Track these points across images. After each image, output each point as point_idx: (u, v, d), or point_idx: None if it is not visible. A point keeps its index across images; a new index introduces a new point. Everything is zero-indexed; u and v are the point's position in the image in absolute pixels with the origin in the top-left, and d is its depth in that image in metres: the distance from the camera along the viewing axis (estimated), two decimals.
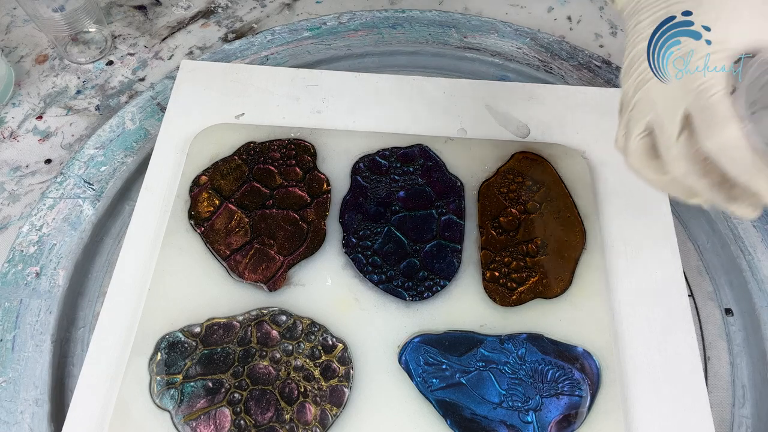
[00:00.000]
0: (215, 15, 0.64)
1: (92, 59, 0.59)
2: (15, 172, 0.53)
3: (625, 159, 0.35)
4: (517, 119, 0.53)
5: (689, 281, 0.48)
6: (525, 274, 0.44)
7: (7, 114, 0.56)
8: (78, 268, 0.46)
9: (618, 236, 0.47)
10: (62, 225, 0.47)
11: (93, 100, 0.57)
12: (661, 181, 0.34)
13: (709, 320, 0.46)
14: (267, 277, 0.44)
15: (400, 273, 0.44)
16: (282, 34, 0.59)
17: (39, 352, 0.42)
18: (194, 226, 0.46)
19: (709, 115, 0.30)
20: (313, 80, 0.54)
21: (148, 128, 0.53)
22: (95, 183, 0.50)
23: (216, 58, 0.57)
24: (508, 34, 0.59)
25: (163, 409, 0.39)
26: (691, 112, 0.31)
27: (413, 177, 0.48)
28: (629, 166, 0.35)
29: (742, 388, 0.43)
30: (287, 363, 0.41)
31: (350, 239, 0.46)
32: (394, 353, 0.41)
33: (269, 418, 0.39)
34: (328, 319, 0.42)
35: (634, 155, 0.34)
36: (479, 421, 0.39)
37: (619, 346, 0.42)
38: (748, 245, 0.48)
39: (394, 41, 0.59)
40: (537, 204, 0.47)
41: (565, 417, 0.39)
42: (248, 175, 0.48)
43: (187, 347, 0.41)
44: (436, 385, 0.40)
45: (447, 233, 0.46)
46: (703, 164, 0.31)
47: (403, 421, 0.39)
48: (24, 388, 0.41)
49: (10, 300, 0.44)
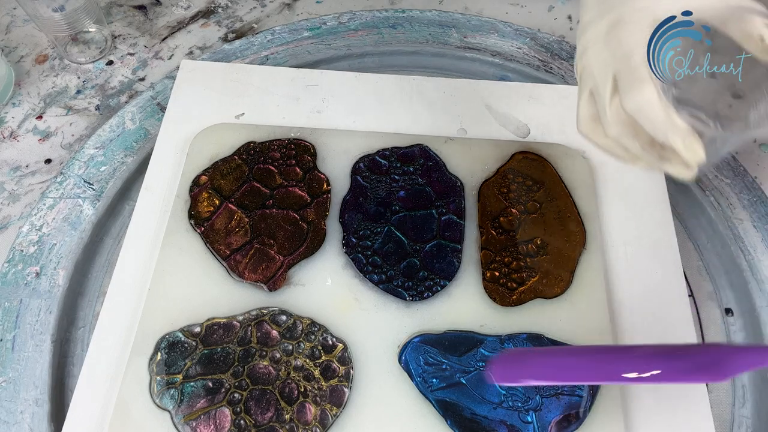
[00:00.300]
0: (215, 15, 0.64)
1: (92, 59, 0.59)
2: (15, 172, 0.53)
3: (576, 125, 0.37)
4: (517, 119, 0.53)
5: (689, 281, 0.48)
6: (525, 274, 0.44)
7: (7, 114, 0.56)
8: (78, 268, 0.46)
9: (618, 236, 0.47)
10: (62, 225, 0.47)
11: (93, 100, 0.57)
12: (606, 145, 0.36)
13: (709, 320, 0.46)
14: (267, 277, 0.44)
15: (400, 273, 0.44)
16: (282, 34, 0.59)
17: (39, 352, 0.42)
18: (194, 226, 0.46)
19: (629, 77, 0.32)
20: (313, 80, 0.54)
21: (148, 128, 0.53)
22: (95, 183, 0.50)
23: (216, 58, 0.57)
24: (508, 34, 0.59)
25: (163, 409, 0.39)
26: (618, 76, 0.33)
27: (413, 177, 0.48)
28: (579, 132, 0.37)
29: (742, 387, 0.43)
30: (287, 363, 0.41)
31: (350, 239, 0.46)
32: (394, 353, 0.41)
33: (269, 418, 0.39)
34: (328, 319, 0.42)
35: (583, 121, 0.36)
36: (479, 421, 0.39)
37: None
38: (748, 245, 0.48)
39: (394, 41, 0.59)
40: (537, 204, 0.47)
41: (565, 417, 0.39)
42: (248, 175, 0.48)
43: (187, 347, 0.41)
44: (436, 385, 0.40)
45: (447, 233, 0.46)
46: (633, 125, 0.33)
47: (403, 421, 0.39)
48: (24, 388, 0.41)
49: (10, 300, 0.44)
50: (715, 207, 0.49)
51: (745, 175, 0.51)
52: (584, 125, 0.36)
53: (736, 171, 0.51)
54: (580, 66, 0.36)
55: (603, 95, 0.34)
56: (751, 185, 0.50)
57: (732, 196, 0.50)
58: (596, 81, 0.34)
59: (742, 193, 0.50)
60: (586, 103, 0.36)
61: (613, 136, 0.34)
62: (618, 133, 0.34)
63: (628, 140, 0.34)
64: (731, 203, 0.49)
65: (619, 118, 0.33)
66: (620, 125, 0.33)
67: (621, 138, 0.34)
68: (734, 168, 0.51)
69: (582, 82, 0.36)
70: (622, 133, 0.34)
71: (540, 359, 0.35)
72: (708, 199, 0.50)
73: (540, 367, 0.34)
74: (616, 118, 0.33)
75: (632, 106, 0.32)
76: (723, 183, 0.50)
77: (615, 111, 0.33)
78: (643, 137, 0.33)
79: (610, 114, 0.34)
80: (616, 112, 0.33)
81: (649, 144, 0.34)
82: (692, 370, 0.30)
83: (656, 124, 0.31)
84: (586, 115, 0.36)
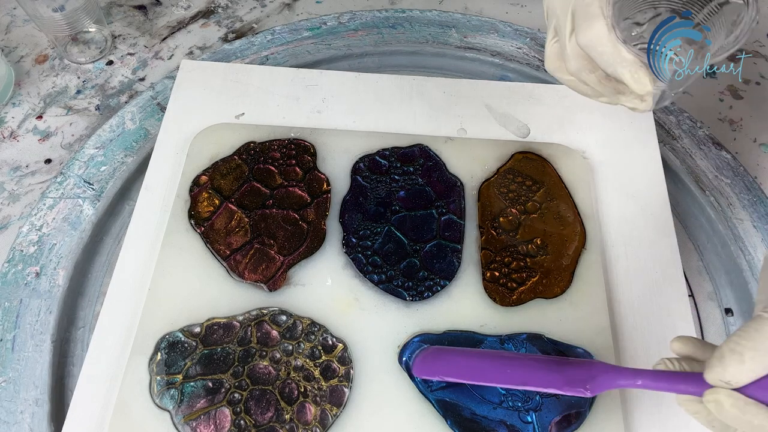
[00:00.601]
0: (215, 15, 0.64)
1: (92, 59, 0.59)
2: (15, 172, 0.53)
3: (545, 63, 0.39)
4: (517, 119, 0.53)
5: (689, 281, 0.48)
6: (525, 274, 0.44)
7: (7, 114, 0.56)
8: (78, 268, 0.46)
9: (618, 236, 0.47)
10: (62, 225, 0.47)
11: (93, 100, 0.57)
12: (569, 81, 0.38)
13: (709, 320, 0.46)
14: (267, 277, 0.44)
15: (400, 273, 0.44)
16: (282, 34, 0.59)
17: (39, 352, 0.42)
18: (194, 226, 0.46)
19: (582, 14, 0.33)
20: (313, 80, 0.54)
21: (148, 128, 0.53)
22: (95, 183, 0.50)
23: (216, 58, 0.57)
24: (508, 33, 0.59)
25: (163, 409, 0.39)
26: (574, 13, 0.34)
27: (413, 177, 0.48)
28: (547, 69, 0.39)
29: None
30: (287, 363, 0.41)
31: (350, 239, 0.46)
32: (394, 353, 0.41)
33: (269, 418, 0.39)
34: (328, 319, 0.42)
35: (550, 59, 0.38)
36: (479, 421, 0.39)
37: (619, 346, 0.42)
38: (748, 245, 0.48)
39: (394, 41, 0.59)
40: (537, 204, 0.47)
41: (565, 417, 0.39)
42: (248, 175, 0.48)
43: (187, 347, 0.41)
44: (436, 385, 0.40)
45: (447, 233, 0.46)
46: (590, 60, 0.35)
47: (403, 421, 0.39)
48: (24, 388, 0.41)
49: (10, 300, 0.44)
50: (715, 207, 0.49)
51: (745, 175, 0.51)
52: (550, 62, 0.38)
53: (736, 171, 0.51)
54: (545, 5, 0.38)
55: (563, 32, 0.35)
56: (751, 185, 0.50)
57: (732, 196, 0.50)
58: (558, 19, 0.36)
59: (742, 193, 0.50)
60: (551, 41, 0.37)
61: (573, 71, 0.36)
62: (577, 68, 0.36)
63: (587, 75, 0.36)
64: (731, 203, 0.49)
65: (577, 53, 0.35)
66: (578, 60, 0.35)
67: (580, 73, 0.36)
68: (734, 168, 0.51)
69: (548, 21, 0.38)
70: (580, 67, 0.35)
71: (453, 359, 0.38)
72: (708, 199, 0.50)
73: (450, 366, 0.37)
74: (575, 53, 0.35)
75: (584, 41, 0.33)
76: (723, 183, 0.50)
77: (573, 47, 0.35)
78: (599, 72, 0.35)
79: (569, 50, 0.35)
80: (575, 47, 0.35)
81: (606, 78, 0.35)
82: (564, 384, 0.34)
83: (605, 57, 0.33)
84: (552, 53, 0.38)
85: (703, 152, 0.52)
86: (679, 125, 0.53)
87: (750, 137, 0.55)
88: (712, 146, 0.52)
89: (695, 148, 0.52)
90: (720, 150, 0.52)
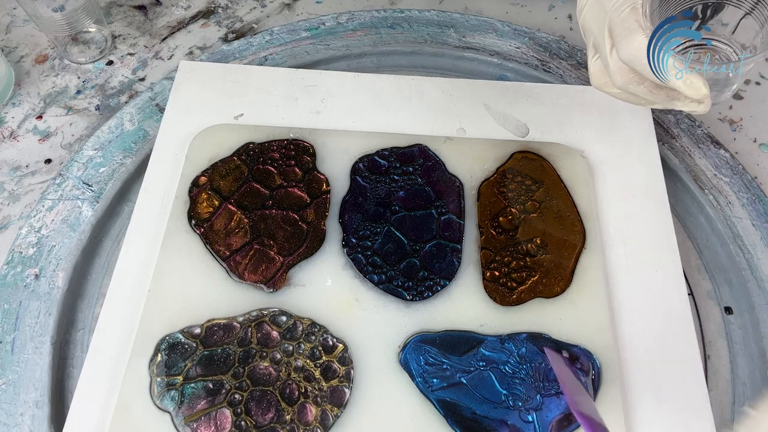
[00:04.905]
0: (215, 15, 0.63)
1: (92, 59, 0.59)
2: (15, 172, 0.53)
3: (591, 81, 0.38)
4: (516, 119, 0.53)
5: (689, 280, 0.48)
6: (525, 274, 0.44)
7: (7, 114, 0.56)
8: (77, 270, 0.46)
9: (618, 236, 0.47)
10: (61, 226, 0.47)
11: (93, 100, 0.57)
12: (618, 95, 0.38)
13: (709, 319, 0.46)
14: (267, 278, 0.44)
15: (400, 273, 0.44)
16: (280, 35, 0.59)
17: (39, 354, 0.42)
18: (194, 227, 0.46)
19: (620, 29, 0.33)
20: (311, 80, 0.54)
21: (147, 129, 0.53)
22: (94, 184, 0.50)
23: (214, 58, 0.57)
24: (506, 33, 0.59)
25: (163, 410, 0.39)
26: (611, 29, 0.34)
27: (413, 177, 0.48)
28: (594, 86, 0.39)
29: (742, 386, 0.43)
30: (288, 364, 0.41)
31: (350, 239, 0.46)
32: (394, 353, 0.41)
33: (270, 418, 0.39)
34: (329, 320, 0.42)
35: (595, 75, 0.38)
36: (480, 420, 0.39)
37: (619, 346, 0.42)
38: (748, 244, 0.48)
39: (393, 41, 0.59)
40: (537, 203, 0.47)
41: (566, 416, 0.39)
42: (247, 176, 0.48)
43: (188, 348, 0.41)
44: (436, 384, 0.40)
45: (447, 233, 0.46)
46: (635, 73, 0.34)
47: (403, 421, 0.39)
48: (24, 390, 0.41)
49: (10, 302, 0.44)
50: (714, 206, 0.50)
51: (744, 174, 0.51)
52: (596, 79, 0.38)
53: (734, 169, 0.51)
54: (580, 23, 0.37)
55: (602, 49, 0.35)
56: (749, 184, 0.50)
57: (731, 194, 0.50)
58: (596, 36, 0.35)
59: (741, 192, 0.50)
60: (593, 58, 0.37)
61: (620, 85, 0.35)
62: (623, 82, 0.35)
63: (635, 87, 0.35)
64: (730, 202, 0.49)
65: (621, 68, 0.35)
66: (623, 74, 0.35)
67: (628, 86, 0.35)
68: (733, 167, 0.51)
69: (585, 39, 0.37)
70: (627, 81, 0.35)
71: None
72: (707, 198, 0.50)
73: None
74: (619, 68, 0.35)
75: (626, 56, 0.33)
76: (722, 182, 0.51)
77: (616, 61, 0.34)
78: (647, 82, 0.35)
79: (612, 65, 0.35)
80: (617, 62, 0.34)
81: (656, 87, 0.35)
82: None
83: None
84: (596, 69, 0.37)
85: (701, 151, 0.52)
86: (678, 124, 0.53)
87: (750, 137, 0.55)
88: (711, 145, 0.52)
89: (694, 147, 0.52)
90: (719, 148, 0.52)
